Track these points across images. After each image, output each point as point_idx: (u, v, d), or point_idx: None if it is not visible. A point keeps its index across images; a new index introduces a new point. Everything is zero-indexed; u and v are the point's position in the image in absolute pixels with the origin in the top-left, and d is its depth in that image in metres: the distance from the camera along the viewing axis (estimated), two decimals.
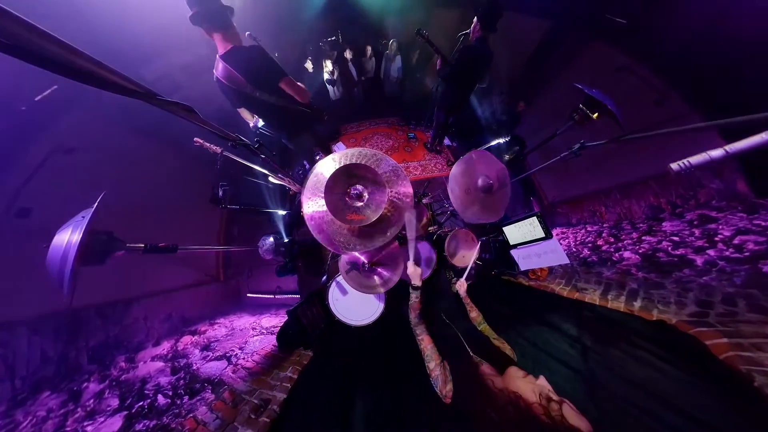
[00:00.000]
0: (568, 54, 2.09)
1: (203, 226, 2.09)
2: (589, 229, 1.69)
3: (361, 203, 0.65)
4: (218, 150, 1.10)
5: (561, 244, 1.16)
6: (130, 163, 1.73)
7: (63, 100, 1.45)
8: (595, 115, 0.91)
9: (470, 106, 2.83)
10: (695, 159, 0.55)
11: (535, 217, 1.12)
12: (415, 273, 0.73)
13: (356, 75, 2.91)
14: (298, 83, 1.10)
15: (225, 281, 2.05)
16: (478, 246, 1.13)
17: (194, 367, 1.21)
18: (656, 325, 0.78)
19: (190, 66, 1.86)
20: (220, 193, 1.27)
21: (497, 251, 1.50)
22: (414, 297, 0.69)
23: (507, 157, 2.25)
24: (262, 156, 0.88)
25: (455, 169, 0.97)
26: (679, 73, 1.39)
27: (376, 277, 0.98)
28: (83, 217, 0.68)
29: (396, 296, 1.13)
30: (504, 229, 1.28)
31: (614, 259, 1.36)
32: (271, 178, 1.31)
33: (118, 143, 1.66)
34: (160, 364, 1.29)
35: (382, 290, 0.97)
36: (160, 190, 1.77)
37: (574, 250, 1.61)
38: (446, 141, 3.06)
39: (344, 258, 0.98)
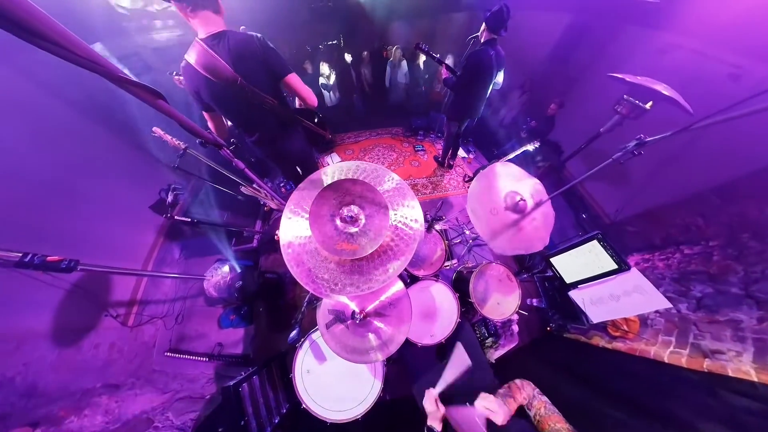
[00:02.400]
0: (596, 45, 2.16)
1: (130, 239, 1.74)
2: (687, 251, 1.28)
3: (356, 229, 0.63)
4: (181, 146, 1.13)
5: (648, 277, 0.92)
6: (38, 134, 1.29)
7: None
8: (649, 104, 0.97)
9: (487, 112, 3.22)
10: None
11: (595, 241, 1.03)
12: (434, 411, 0.61)
13: (356, 81, 3.44)
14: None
15: (133, 327, 1.51)
16: (519, 288, 1.05)
17: None
18: None
19: (167, 49, 2.02)
20: (170, 198, 1.22)
21: (549, 294, 1.40)
22: None
23: (540, 166, 2.36)
24: (236, 160, 0.86)
25: (475, 186, 0.98)
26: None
27: (371, 336, 0.86)
28: None
29: (401, 369, 1.01)
30: (552, 260, 1.20)
31: (754, 296, 0.92)
32: (243, 188, 1.31)
33: (24, 101, 1.28)
34: None
35: (380, 357, 0.82)
36: (76, 179, 1.44)
37: (673, 285, 1.20)
38: (461, 153, 3.36)
39: (327, 304, 0.90)
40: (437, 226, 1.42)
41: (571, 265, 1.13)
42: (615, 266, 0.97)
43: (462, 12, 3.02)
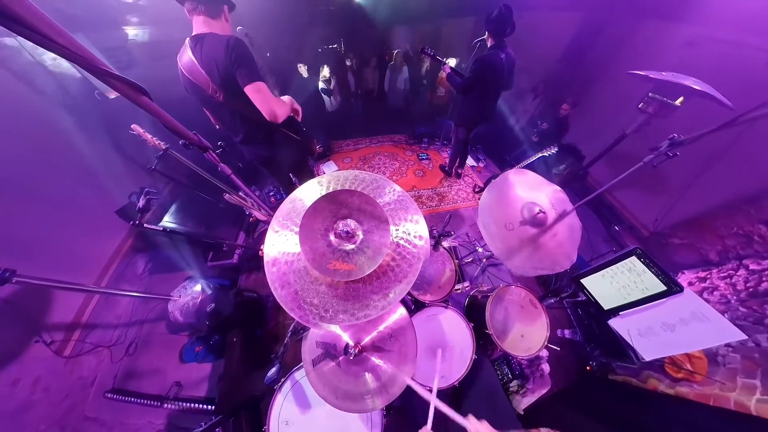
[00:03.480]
0: (613, 43, 2.26)
1: (86, 248, 1.63)
2: (753, 266, 1.19)
3: (353, 246, 0.61)
4: (162, 146, 1.14)
5: (707, 300, 0.89)
6: None
7: None
8: (679, 100, 0.99)
9: (498, 117, 3.32)
10: None
11: (634, 257, 0.92)
12: None
13: (354, 86, 3.68)
14: (282, 98, 1.12)
15: (70, 358, 1.36)
16: (546, 316, 1.00)
17: None
18: None
19: (159, 45, 2.12)
20: (141, 202, 1.18)
21: (585, 324, 1.32)
22: None
23: (559, 173, 2.39)
24: (222, 165, 0.87)
25: (486, 197, 0.99)
26: None
27: (367, 377, 0.80)
28: None
29: (404, 422, 0.93)
30: (583, 282, 1.13)
31: None
32: (227, 196, 1.30)
33: None
34: None
35: (378, 405, 0.76)
36: (26, 175, 1.39)
37: (743, 310, 1.08)
38: (470, 161, 3.44)
39: (315, 336, 0.86)
40: (445, 244, 1.39)
41: (607, 287, 1.04)
42: (663, 287, 0.86)
43: (465, 17, 3.30)
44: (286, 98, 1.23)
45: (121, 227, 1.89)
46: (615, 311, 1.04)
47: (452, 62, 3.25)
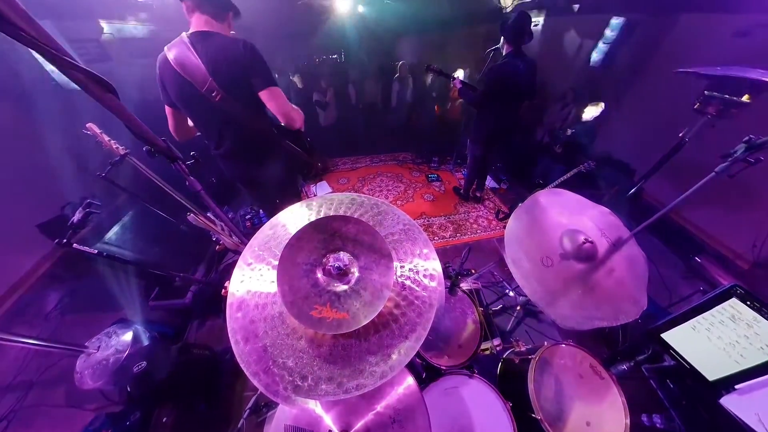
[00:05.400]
0: (648, 42, 2.44)
1: None
2: None
3: (345, 287, 0.60)
4: (120, 150, 1.17)
5: None
6: None
7: None
8: (745, 97, 1.00)
9: (521, 130, 3.38)
10: None
11: (734, 299, 0.87)
12: None
13: (355, 98, 4.04)
14: (292, 104, 1.23)
15: None
16: (618, 391, 0.88)
17: None
18: None
19: (139, 42, 2.34)
20: (77, 216, 1.16)
21: (682, 406, 1.18)
22: None
23: (606, 192, 2.35)
24: (192, 178, 0.88)
25: (513, 225, 0.98)
26: None
27: None
28: None
29: None
30: (665, 337, 1.04)
31: None
32: (191, 217, 1.30)
33: None
34: None
35: None
36: None
37: None
38: (490, 182, 3.54)
39: (284, 417, 0.79)
40: (464, 286, 1.35)
41: (705, 345, 0.94)
42: None
43: (475, 26, 3.77)
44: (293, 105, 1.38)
45: (40, 246, 1.78)
46: (726, 383, 0.90)
47: (460, 73, 3.63)
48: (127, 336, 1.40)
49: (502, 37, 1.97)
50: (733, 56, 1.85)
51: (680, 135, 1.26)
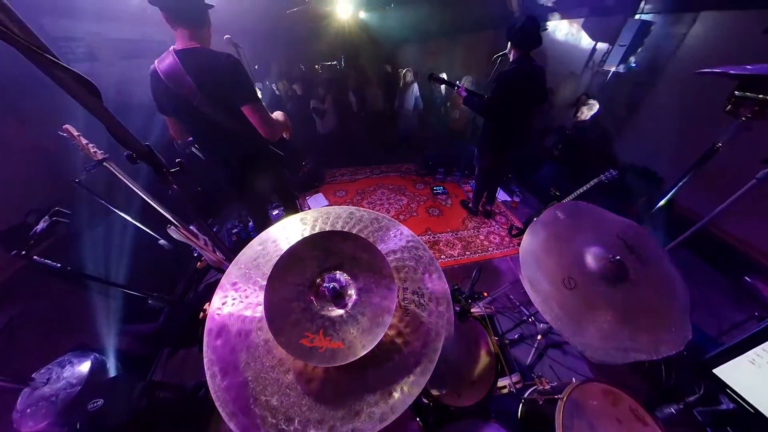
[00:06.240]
0: (663, 42, 2.59)
1: None
2: None
3: (341, 312, 0.59)
4: (98, 155, 1.19)
5: None
6: None
7: None
8: None
9: (534, 138, 3.51)
10: None
11: None
12: None
13: (356, 106, 4.18)
14: (276, 116, 1.43)
15: None
16: None
17: None
18: None
19: (129, 44, 2.43)
20: (41, 225, 1.16)
21: None
22: None
23: (637, 203, 2.32)
24: (174, 186, 0.89)
25: (529, 242, 0.98)
26: None
27: None
28: None
29: None
30: (718, 373, 0.99)
31: None
32: (171, 230, 1.30)
33: None
34: None
35: None
36: None
37: None
38: (501, 195, 3.55)
39: None
40: (476, 311, 1.33)
41: (765, 380, 0.91)
42: None
43: (480, 31, 3.98)
44: (279, 114, 1.54)
45: None
46: None
47: (467, 82, 3.79)
48: (84, 366, 1.32)
49: (510, 43, 2.08)
50: (764, 54, 1.91)
51: (715, 141, 1.26)
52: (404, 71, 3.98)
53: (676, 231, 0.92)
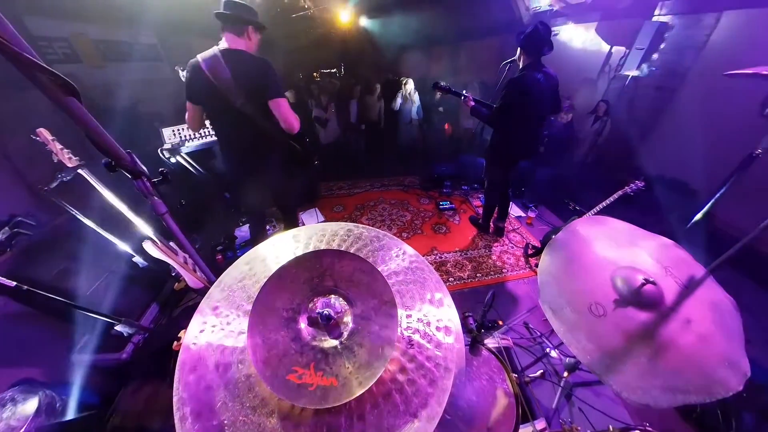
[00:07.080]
0: (685, 45, 2.70)
1: None
2: None
3: (335, 342, 0.59)
4: (73, 162, 1.21)
5: None
6: None
7: None
8: None
9: (547, 149, 3.52)
10: None
11: None
12: None
13: (356, 116, 4.32)
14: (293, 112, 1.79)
15: None
16: None
17: None
18: None
19: (115, 45, 2.40)
20: (0, 237, 1.17)
21: None
22: None
23: (686, 222, 2.24)
24: (157, 199, 0.90)
25: (548, 263, 0.97)
26: None
27: None
28: None
29: None
30: None
31: None
32: (148, 246, 1.32)
33: None
34: None
35: None
36: None
37: None
38: (514, 210, 3.53)
39: None
40: (490, 342, 1.29)
41: None
42: None
43: (487, 38, 4.13)
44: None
45: None
46: None
47: (473, 92, 3.94)
48: (30, 405, 1.26)
49: (519, 49, 2.16)
50: None
51: (754, 149, 1.26)
52: (406, 81, 4.15)
53: (716, 247, 0.89)
